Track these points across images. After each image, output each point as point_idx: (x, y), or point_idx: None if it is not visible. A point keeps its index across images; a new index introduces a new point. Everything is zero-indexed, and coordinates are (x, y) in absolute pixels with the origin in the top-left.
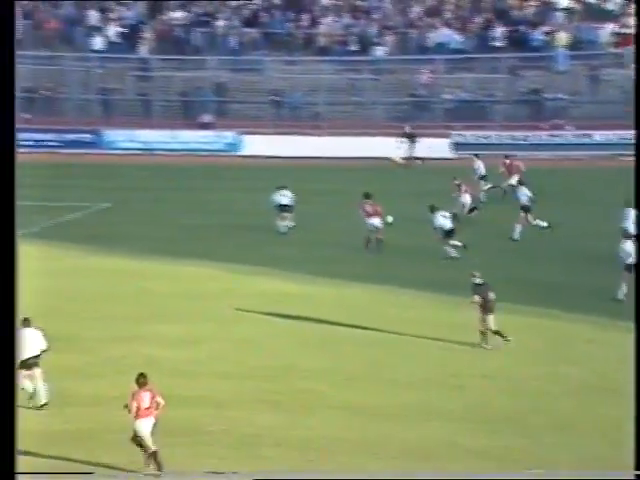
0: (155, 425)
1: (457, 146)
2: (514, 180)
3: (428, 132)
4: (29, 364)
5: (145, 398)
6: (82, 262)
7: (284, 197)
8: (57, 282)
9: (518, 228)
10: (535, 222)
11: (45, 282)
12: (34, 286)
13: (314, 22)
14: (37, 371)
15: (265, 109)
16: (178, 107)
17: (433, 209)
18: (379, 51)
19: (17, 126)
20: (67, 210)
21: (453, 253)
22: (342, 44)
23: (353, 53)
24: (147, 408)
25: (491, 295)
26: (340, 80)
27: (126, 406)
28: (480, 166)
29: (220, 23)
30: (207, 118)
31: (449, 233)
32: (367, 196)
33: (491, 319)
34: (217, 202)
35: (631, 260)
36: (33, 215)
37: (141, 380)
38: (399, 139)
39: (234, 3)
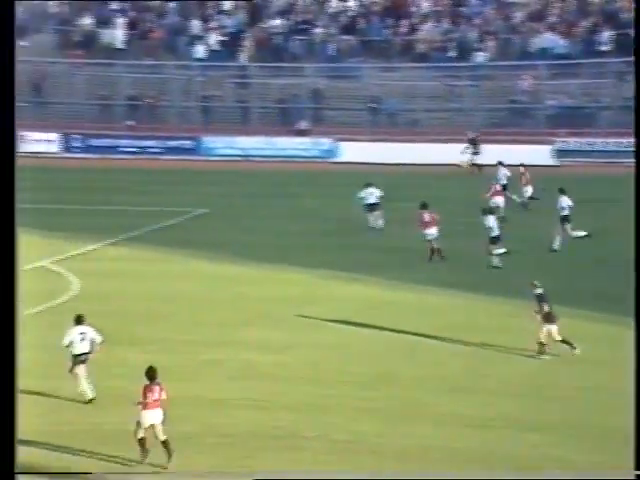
0: (164, 416)
1: (560, 153)
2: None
3: (529, 139)
4: (82, 360)
5: (154, 391)
6: (180, 267)
7: (371, 196)
8: (156, 285)
9: (558, 238)
10: (574, 234)
11: (144, 285)
12: (135, 289)
13: (413, 28)
14: (83, 366)
15: (361, 116)
16: (275, 114)
17: (486, 212)
18: (479, 57)
19: (119, 133)
20: (167, 215)
21: (495, 262)
22: (441, 50)
23: (452, 59)
24: (155, 400)
25: (551, 305)
26: (438, 87)
27: (139, 403)
28: (504, 174)
29: (318, 30)
30: (304, 125)
31: (494, 239)
32: (424, 206)
33: (555, 329)
34: (312, 208)
35: None
36: (134, 219)
37: (151, 373)
38: (465, 145)
39: (333, 10)
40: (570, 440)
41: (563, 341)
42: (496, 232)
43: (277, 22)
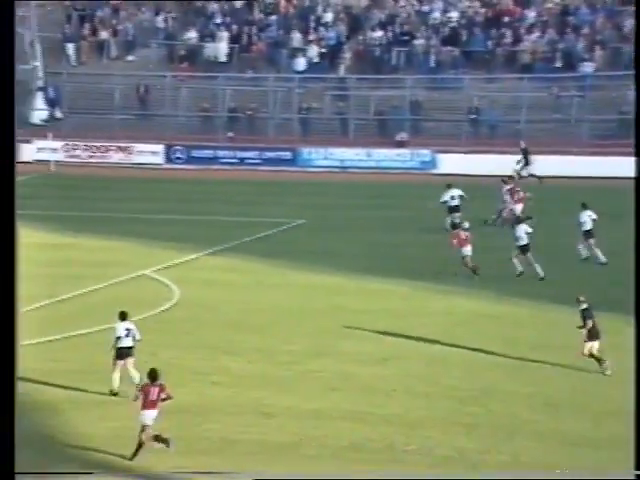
0: (158, 415)
1: None
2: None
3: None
4: (124, 353)
5: (153, 392)
6: (277, 277)
7: (453, 200)
8: (253, 295)
9: (581, 247)
10: (596, 251)
11: (242, 295)
12: (234, 299)
13: (517, 39)
14: (130, 360)
15: (461, 127)
16: (374, 125)
17: (519, 220)
18: (587, 67)
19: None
20: (264, 226)
21: (520, 268)
22: (546, 60)
23: (558, 69)
24: (153, 401)
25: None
26: (542, 97)
27: (136, 398)
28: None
29: (419, 42)
30: (403, 136)
31: (523, 248)
32: (455, 226)
33: (596, 345)
34: (410, 219)
35: None
36: (233, 230)
37: (153, 375)
38: (518, 156)
39: (434, 22)
40: None
41: (599, 359)
42: (525, 241)
43: (377, 34)
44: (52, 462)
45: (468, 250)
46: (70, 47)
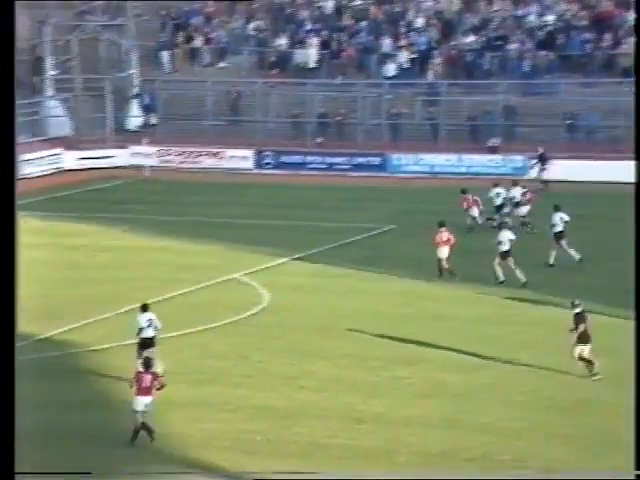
0: (152, 403)
1: None
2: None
3: None
4: (146, 343)
5: (146, 379)
6: (365, 282)
7: (498, 197)
8: (341, 301)
9: (553, 254)
10: (570, 251)
11: (330, 300)
12: (322, 304)
13: (616, 42)
14: (154, 350)
15: (556, 133)
16: (465, 131)
17: (503, 226)
18: None
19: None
20: (354, 231)
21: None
22: None
23: None
24: (147, 387)
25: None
26: None
27: (131, 385)
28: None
29: (513, 46)
30: (495, 142)
31: (505, 254)
32: (441, 224)
33: (588, 349)
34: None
35: None
36: (321, 235)
37: (147, 362)
38: (534, 160)
39: (529, 26)
40: None
41: (589, 362)
42: (506, 247)
43: (470, 39)
44: (149, 461)
45: (444, 252)
46: (164, 55)
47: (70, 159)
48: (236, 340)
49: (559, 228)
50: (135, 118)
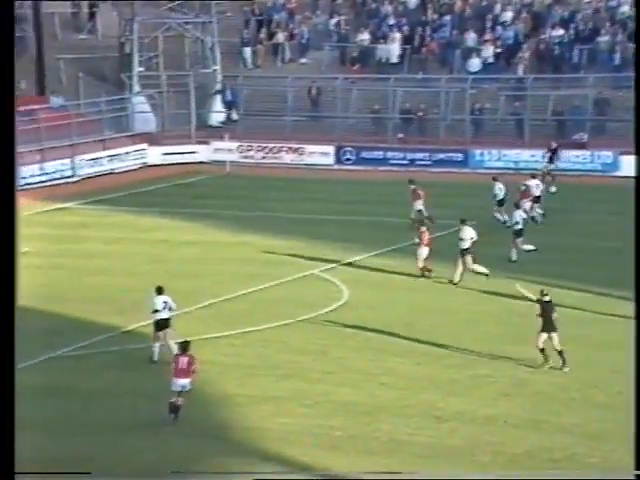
0: (191, 384)
1: None
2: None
3: None
4: (161, 325)
5: (182, 361)
6: (446, 280)
7: (500, 191)
8: (420, 297)
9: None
10: (524, 247)
11: (408, 297)
12: (400, 300)
13: None
14: (169, 331)
15: None
16: (551, 126)
17: (463, 221)
18: None
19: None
20: (435, 228)
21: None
22: None
23: None
24: (183, 369)
25: (556, 314)
26: None
27: (175, 366)
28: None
29: (603, 39)
30: (582, 137)
31: (465, 251)
32: (422, 222)
33: (556, 337)
34: (578, 223)
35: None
36: (400, 231)
37: (184, 345)
38: (547, 153)
39: (621, 17)
40: None
41: (560, 352)
42: (467, 245)
43: (558, 32)
44: (228, 454)
45: (424, 252)
46: (247, 51)
47: (154, 154)
48: (316, 336)
49: (520, 226)
50: (217, 114)
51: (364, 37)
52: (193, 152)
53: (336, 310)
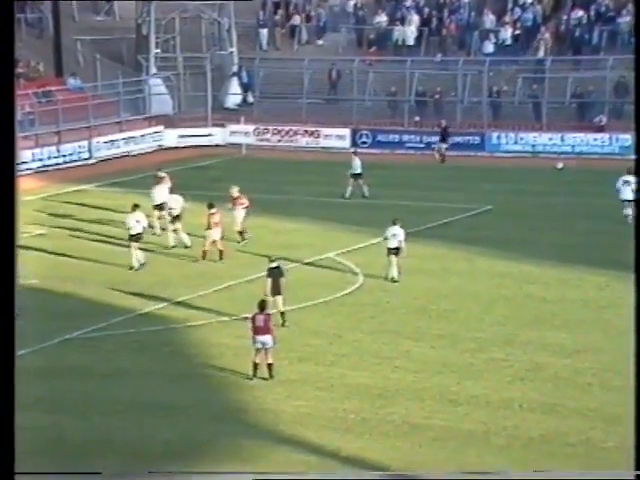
0: (273, 340)
1: None
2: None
3: None
4: (138, 238)
5: (259, 319)
6: (462, 263)
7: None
8: (437, 282)
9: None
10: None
11: (425, 281)
12: (417, 284)
13: None
14: (137, 245)
15: None
16: (570, 109)
17: (395, 222)
18: None
19: (405, 128)
20: (450, 211)
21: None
22: None
23: None
24: (261, 327)
25: (283, 279)
26: None
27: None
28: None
29: (624, 20)
30: (601, 119)
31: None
32: (211, 206)
33: (280, 300)
34: (606, 207)
35: None
36: (417, 215)
37: (262, 305)
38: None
39: None
40: None
41: (282, 313)
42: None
43: (578, 13)
44: (243, 436)
45: (217, 234)
46: (263, 33)
47: (171, 137)
48: (331, 319)
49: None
50: (233, 96)
51: (381, 19)
52: (209, 135)
53: (352, 293)
